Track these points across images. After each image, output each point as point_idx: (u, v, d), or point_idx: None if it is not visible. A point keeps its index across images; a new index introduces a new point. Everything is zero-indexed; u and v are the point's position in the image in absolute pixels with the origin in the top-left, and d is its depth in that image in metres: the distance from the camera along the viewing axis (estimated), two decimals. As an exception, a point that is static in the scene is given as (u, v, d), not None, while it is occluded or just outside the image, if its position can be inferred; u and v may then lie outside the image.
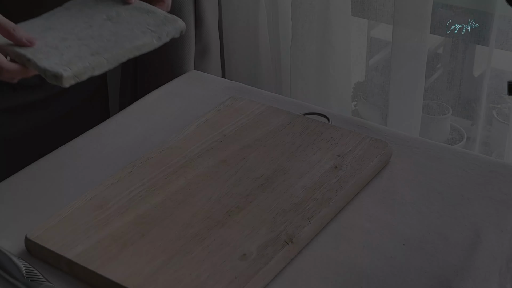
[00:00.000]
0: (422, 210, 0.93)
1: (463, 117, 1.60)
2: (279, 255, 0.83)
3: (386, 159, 1.01)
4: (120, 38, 0.92)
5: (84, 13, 0.98)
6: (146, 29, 0.94)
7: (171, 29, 0.96)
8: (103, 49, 0.89)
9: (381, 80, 1.64)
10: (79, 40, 0.91)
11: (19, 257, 0.84)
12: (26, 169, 1.02)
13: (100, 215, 0.89)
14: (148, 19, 0.96)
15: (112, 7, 0.99)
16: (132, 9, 0.99)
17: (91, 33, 0.93)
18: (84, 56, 0.87)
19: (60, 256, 0.83)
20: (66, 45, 0.89)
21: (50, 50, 0.88)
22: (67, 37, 0.91)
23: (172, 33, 0.96)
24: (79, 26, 0.94)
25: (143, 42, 0.92)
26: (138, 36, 0.93)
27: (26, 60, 0.86)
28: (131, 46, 0.91)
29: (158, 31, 0.94)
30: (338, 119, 1.12)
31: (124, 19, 0.97)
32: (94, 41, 0.91)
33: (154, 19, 0.96)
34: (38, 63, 0.85)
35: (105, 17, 0.97)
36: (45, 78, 0.85)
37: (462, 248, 0.87)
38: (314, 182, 0.95)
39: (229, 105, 1.13)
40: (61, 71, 0.84)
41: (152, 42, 0.93)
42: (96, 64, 0.87)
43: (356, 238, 0.88)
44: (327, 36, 1.53)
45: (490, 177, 0.99)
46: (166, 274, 0.80)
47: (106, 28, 0.94)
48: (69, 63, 0.85)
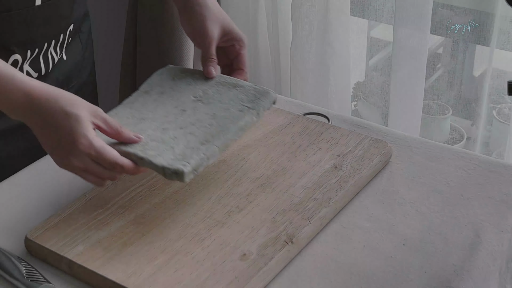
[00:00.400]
0: (422, 210, 0.93)
1: (463, 117, 1.60)
2: (279, 255, 0.82)
3: (386, 159, 1.01)
4: (221, 120, 0.91)
5: (168, 96, 0.96)
6: (242, 107, 0.93)
7: (266, 102, 0.95)
8: (211, 136, 0.88)
9: (381, 80, 1.64)
10: (181, 129, 0.90)
11: (19, 257, 0.84)
12: (26, 169, 1.02)
13: (100, 215, 0.89)
14: (239, 95, 0.95)
15: (195, 86, 0.98)
16: (216, 85, 0.98)
17: (188, 119, 0.91)
18: (195, 146, 0.86)
19: (60, 256, 0.83)
20: (171, 137, 0.88)
21: (158, 144, 0.87)
22: (167, 127, 0.90)
23: (267, 106, 0.95)
24: (171, 112, 0.93)
25: (245, 122, 0.91)
26: (238, 116, 0.91)
27: (137, 159, 0.84)
28: (236, 128, 0.90)
29: (255, 107, 0.93)
30: (338, 119, 1.12)
31: (213, 97, 0.95)
32: (197, 127, 0.89)
33: (245, 93, 0.95)
34: (154, 161, 0.84)
35: (193, 98, 0.96)
36: (163, 175, 0.84)
37: (462, 248, 0.87)
38: (314, 182, 0.94)
39: (229, 105, 1.13)
40: (181, 168, 0.82)
41: (253, 119, 0.92)
42: (210, 153, 0.86)
43: (356, 238, 0.88)
44: (327, 36, 1.53)
45: (490, 177, 0.99)
46: (166, 274, 0.80)
47: (201, 111, 0.93)
48: (184, 157, 0.84)
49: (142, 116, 0.93)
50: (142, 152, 0.85)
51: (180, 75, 1.01)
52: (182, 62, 1.56)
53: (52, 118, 0.82)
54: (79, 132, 0.81)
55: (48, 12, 1.03)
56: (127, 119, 0.92)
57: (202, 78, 1.00)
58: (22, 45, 1.01)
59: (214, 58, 1.00)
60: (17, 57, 1.02)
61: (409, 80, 1.47)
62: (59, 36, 1.08)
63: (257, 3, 1.62)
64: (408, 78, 1.47)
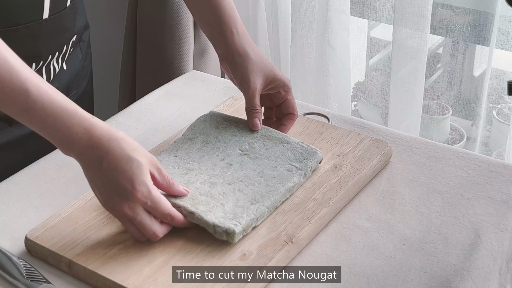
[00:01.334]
0: (422, 210, 0.93)
1: (463, 117, 1.60)
2: (279, 255, 0.82)
3: (386, 159, 1.01)
4: (270, 180, 0.91)
5: (213, 146, 0.97)
6: (290, 166, 0.93)
7: (313, 163, 0.95)
8: (260, 195, 0.88)
9: (381, 80, 1.64)
10: (230, 184, 0.90)
11: (19, 257, 0.84)
12: (26, 169, 1.02)
13: (100, 215, 0.89)
14: (286, 152, 0.96)
15: (240, 137, 0.98)
16: (262, 138, 0.98)
17: (236, 174, 0.92)
18: (245, 205, 0.86)
19: (60, 256, 0.83)
20: (219, 192, 0.88)
21: (208, 199, 0.87)
22: (215, 182, 0.90)
23: (314, 166, 0.96)
24: (218, 165, 0.93)
25: (293, 183, 0.92)
26: (286, 176, 0.92)
27: (188, 213, 0.85)
28: (285, 190, 0.90)
29: (303, 168, 0.94)
30: (338, 119, 1.12)
31: (260, 152, 0.96)
32: (245, 185, 0.90)
33: (292, 151, 0.96)
34: (204, 217, 0.84)
35: (239, 151, 0.96)
36: (212, 232, 0.84)
37: (462, 248, 0.87)
38: (314, 182, 0.94)
39: (229, 105, 1.12)
40: (232, 227, 0.83)
41: (300, 181, 0.93)
42: (259, 214, 0.86)
43: (356, 238, 0.88)
44: (327, 36, 1.53)
45: (490, 177, 0.99)
46: (165, 274, 0.80)
47: (248, 167, 0.93)
48: (235, 216, 0.85)
49: (188, 166, 0.94)
50: (192, 206, 0.85)
51: (224, 124, 1.02)
52: (182, 62, 1.56)
53: (113, 159, 0.79)
54: (140, 179, 0.79)
55: (54, 25, 1.03)
56: (173, 168, 0.93)
57: (247, 129, 1.00)
58: (28, 58, 1.01)
59: (259, 109, 1.00)
60: None
61: (409, 80, 1.47)
62: (62, 47, 1.09)
63: (257, 3, 1.62)
64: (408, 78, 1.47)
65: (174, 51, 1.55)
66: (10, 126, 1.06)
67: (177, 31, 1.54)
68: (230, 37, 1.00)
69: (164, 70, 1.56)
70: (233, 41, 1.00)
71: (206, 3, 1.01)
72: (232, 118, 1.03)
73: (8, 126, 1.06)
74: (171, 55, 1.56)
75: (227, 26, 1.00)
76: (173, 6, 1.53)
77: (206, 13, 1.02)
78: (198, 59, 1.60)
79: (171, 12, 1.54)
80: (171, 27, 1.54)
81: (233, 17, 1.01)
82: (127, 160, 0.79)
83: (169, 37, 1.55)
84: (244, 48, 0.99)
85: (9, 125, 1.06)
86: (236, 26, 1.00)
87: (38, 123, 0.80)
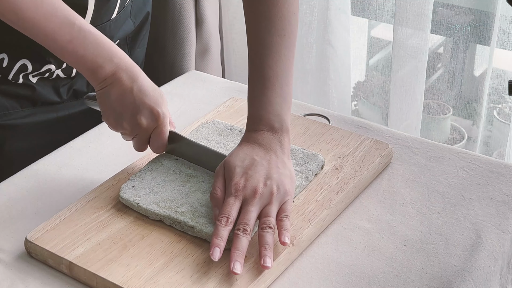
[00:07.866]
0: (423, 211, 0.93)
1: (464, 117, 1.60)
2: (280, 256, 0.82)
3: (387, 161, 1.01)
4: None
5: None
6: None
7: (315, 166, 0.95)
8: None
9: (381, 80, 1.64)
10: None
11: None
12: (26, 169, 1.02)
13: (100, 217, 0.89)
14: None
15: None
16: None
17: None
18: None
19: (60, 258, 0.83)
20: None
21: (208, 210, 0.87)
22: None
23: (316, 170, 0.96)
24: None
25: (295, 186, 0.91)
26: None
27: (188, 227, 0.85)
28: None
29: (304, 171, 0.94)
30: (339, 119, 1.12)
31: None
32: None
33: (293, 157, 0.96)
34: (204, 229, 0.85)
35: None
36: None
37: (463, 248, 0.86)
38: (315, 184, 0.94)
39: (229, 106, 1.12)
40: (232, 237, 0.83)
41: (302, 183, 0.93)
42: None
43: (357, 239, 0.88)
44: (327, 35, 1.53)
45: (491, 177, 0.98)
46: (166, 277, 0.80)
47: None
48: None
49: (189, 172, 0.94)
50: (192, 220, 0.86)
51: (227, 131, 1.02)
52: (183, 62, 1.56)
53: (142, 84, 0.90)
54: (163, 108, 0.91)
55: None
56: (174, 174, 0.94)
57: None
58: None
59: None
60: (51, 67, 1.06)
61: (410, 80, 1.47)
62: None
63: (257, 2, 1.61)
64: (408, 77, 1.47)
65: (176, 50, 1.55)
66: (34, 107, 1.09)
67: (179, 31, 1.54)
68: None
69: (166, 70, 1.56)
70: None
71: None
72: (235, 127, 1.03)
73: (32, 107, 1.09)
74: (173, 55, 1.56)
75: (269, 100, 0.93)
76: (175, 6, 1.53)
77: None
78: (200, 59, 1.60)
79: (173, 12, 1.54)
80: (173, 26, 1.54)
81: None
82: (154, 88, 0.91)
83: (171, 37, 1.55)
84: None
85: (33, 106, 1.09)
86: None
87: (80, 50, 0.88)
